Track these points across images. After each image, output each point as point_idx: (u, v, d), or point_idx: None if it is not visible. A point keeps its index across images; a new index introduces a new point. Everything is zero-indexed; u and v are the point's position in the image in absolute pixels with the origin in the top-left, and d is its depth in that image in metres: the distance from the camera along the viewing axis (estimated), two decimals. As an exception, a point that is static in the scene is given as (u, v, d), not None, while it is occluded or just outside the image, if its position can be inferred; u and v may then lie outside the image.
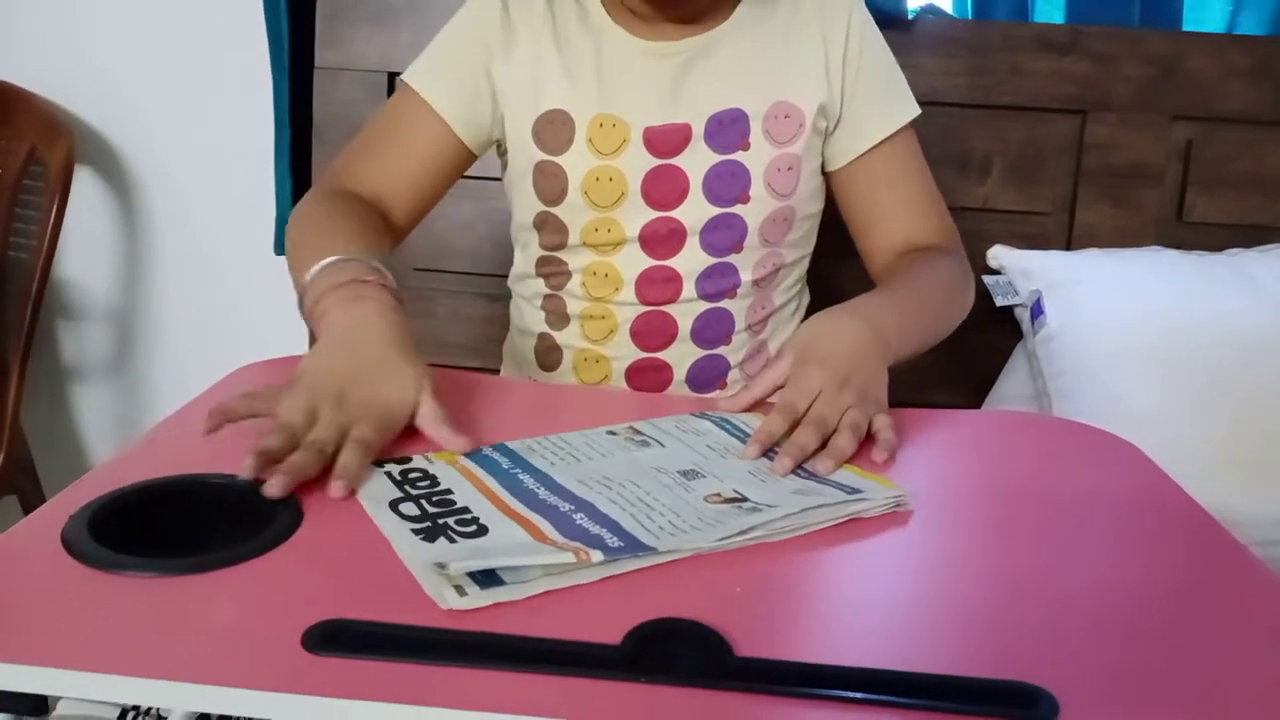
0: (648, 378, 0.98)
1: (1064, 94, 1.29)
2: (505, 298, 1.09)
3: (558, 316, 1.00)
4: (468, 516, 0.56)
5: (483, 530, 0.55)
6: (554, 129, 0.94)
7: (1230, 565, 0.57)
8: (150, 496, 0.58)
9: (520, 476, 0.62)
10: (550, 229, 0.97)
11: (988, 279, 1.29)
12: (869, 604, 0.51)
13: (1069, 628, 0.49)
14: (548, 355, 1.02)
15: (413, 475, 0.62)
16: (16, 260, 1.48)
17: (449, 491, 0.60)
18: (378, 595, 0.48)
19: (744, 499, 0.60)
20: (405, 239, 0.99)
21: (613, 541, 0.53)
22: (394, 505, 0.57)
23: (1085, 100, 1.29)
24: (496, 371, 1.13)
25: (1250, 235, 1.29)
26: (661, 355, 0.98)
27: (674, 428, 0.71)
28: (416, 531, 0.54)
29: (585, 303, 0.98)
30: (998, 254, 1.29)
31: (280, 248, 1.46)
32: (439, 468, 0.63)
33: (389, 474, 0.62)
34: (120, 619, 0.46)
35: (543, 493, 0.60)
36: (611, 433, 0.70)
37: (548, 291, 1.00)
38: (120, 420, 1.68)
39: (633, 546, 0.52)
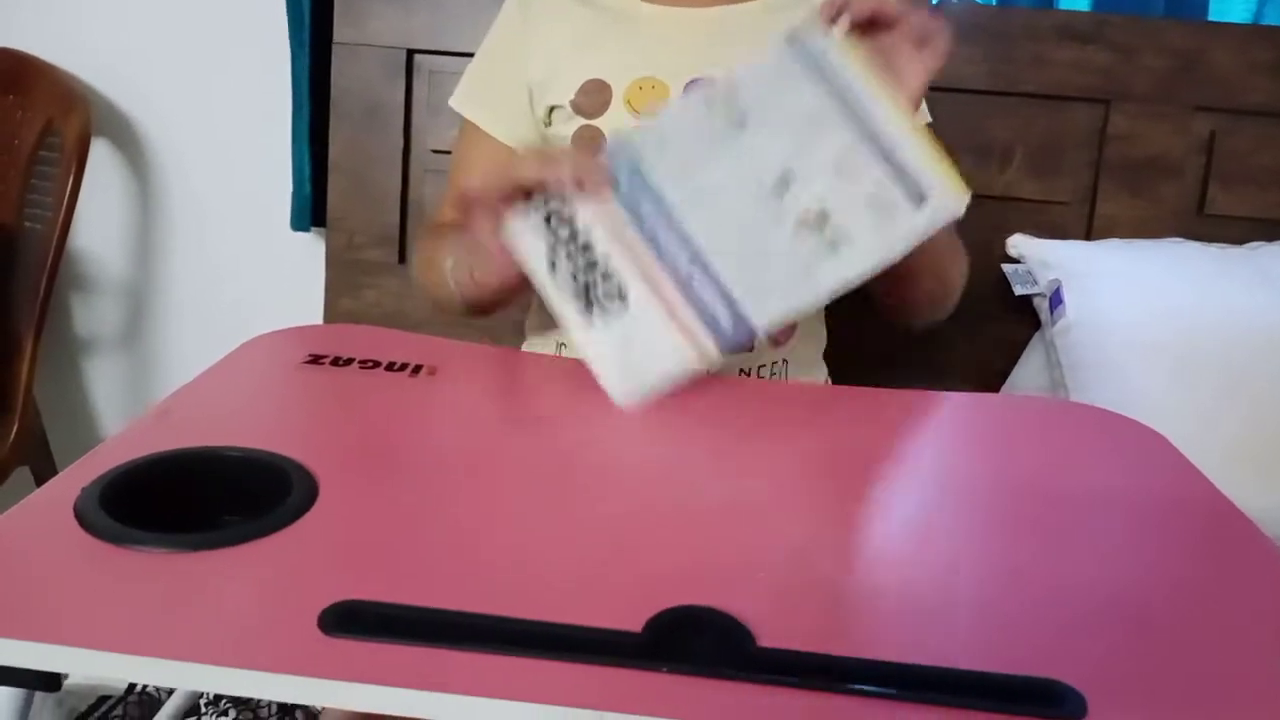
0: None
1: (1086, 83, 1.28)
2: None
3: None
4: (610, 275, 0.70)
5: (623, 297, 0.69)
6: (591, 97, 0.93)
7: (1258, 560, 0.56)
8: (164, 468, 0.57)
9: (642, 205, 0.71)
10: None
11: (1007, 268, 1.28)
12: (892, 595, 0.50)
13: (1096, 623, 0.48)
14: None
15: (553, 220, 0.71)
16: (32, 231, 1.47)
17: (588, 241, 0.70)
18: (396, 575, 0.48)
19: (827, 217, 0.68)
20: None
21: (725, 321, 0.68)
22: (552, 266, 0.70)
23: (1107, 90, 1.28)
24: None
25: (1271, 229, 1.27)
26: None
27: (766, 93, 0.72)
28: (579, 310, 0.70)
29: None
30: (1017, 243, 1.27)
31: (296, 222, 1.46)
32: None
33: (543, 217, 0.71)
34: (133, 596, 0.46)
35: (662, 235, 0.70)
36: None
37: None
38: (133, 393, 1.68)
39: (740, 331, 0.68)
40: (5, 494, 1.43)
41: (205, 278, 1.61)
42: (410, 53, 1.34)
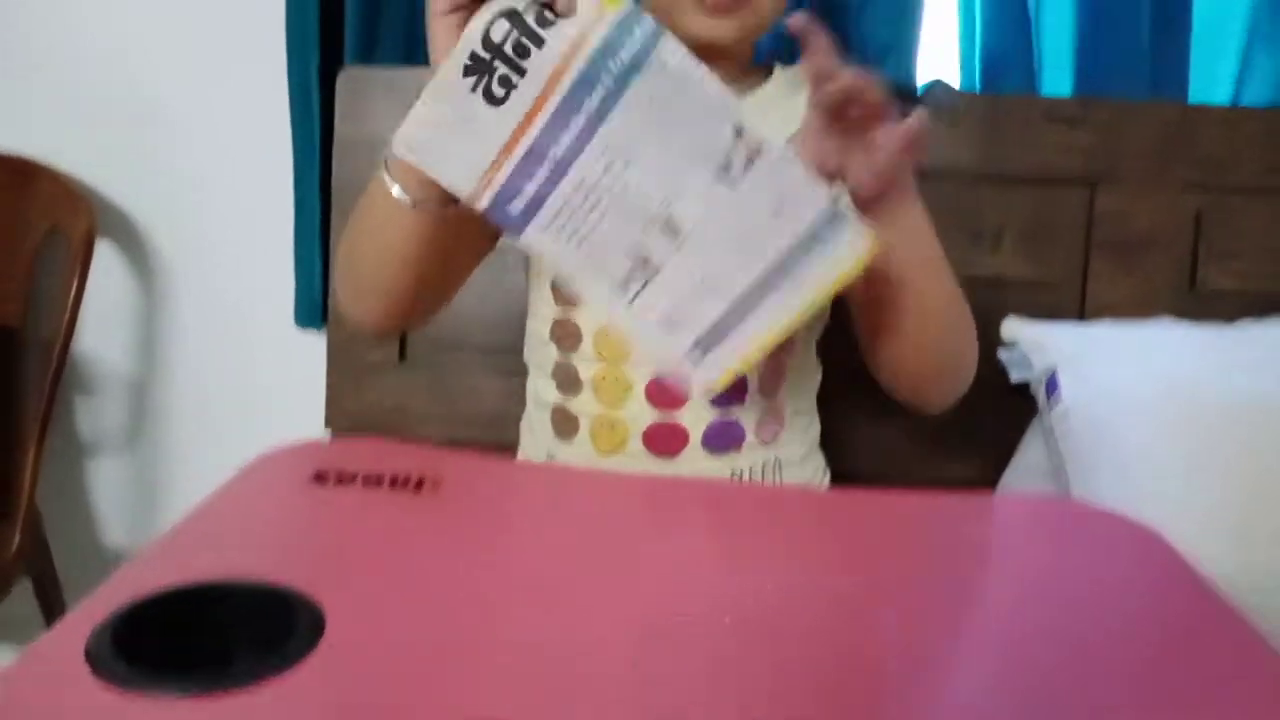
0: (663, 438, 0.97)
1: (1073, 165, 1.30)
2: (523, 374, 1.10)
3: (570, 382, 1.00)
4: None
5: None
6: None
7: (1259, 668, 0.56)
8: (174, 603, 0.58)
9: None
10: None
11: (1002, 353, 1.29)
12: (893, 708, 0.50)
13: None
14: (563, 424, 1.02)
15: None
16: (36, 334, 1.48)
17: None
18: (402, 713, 0.48)
19: None
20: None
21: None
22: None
23: (1095, 171, 1.30)
24: (515, 446, 1.13)
25: (1264, 303, 1.29)
26: (676, 416, 0.97)
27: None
28: None
29: (597, 364, 0.98)
30: (1011, 327, 1.28)
31: (305, 320, 1.47)
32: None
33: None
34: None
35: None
36: None
37: (559, 358, 1.01)
38: (136, 495, 1.68)
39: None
40: (8, 606, 1.42)
41: (208, 377, 1.62)
42: (410, 150, 1.36)
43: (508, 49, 0.63)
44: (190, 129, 1.55)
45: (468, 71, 0.64)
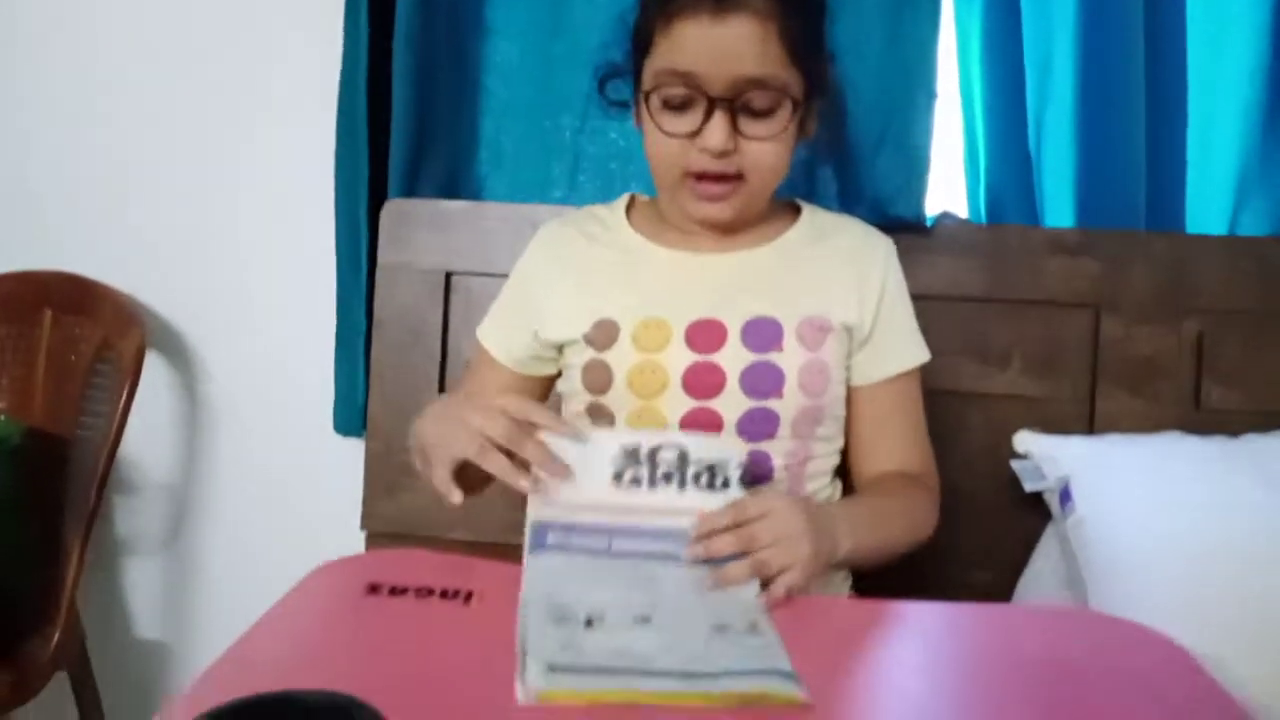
0: None
1: (1078, 291, 1.37)
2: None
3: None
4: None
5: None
6: (601, 332, 1.03)
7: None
8: (242, 715, 0.61)
9: None
10: (599, 418, 1.05)
11: (1015, 464, 1.33)
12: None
13: None
14: None
15: None
16: (84, 441, 1.54)
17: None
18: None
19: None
20: None
21: None
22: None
23: (1098, 297, 1.36)
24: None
25: (1267, 420, 1.32)
26: None
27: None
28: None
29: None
30: (1024, 440, 1.33)
31: (346, 428, 1.53)
32: None
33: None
34: None
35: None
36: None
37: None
38: (171, 595, 1.71)
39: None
40: (43, 701, 1.45)
41: (247, 484, 1.67)
42: (449, 275, 1.44)
43: None
44: (239, 252, 1.63)
45: None
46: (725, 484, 0.83)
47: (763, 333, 1.01)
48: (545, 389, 1.14)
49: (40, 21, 1.63)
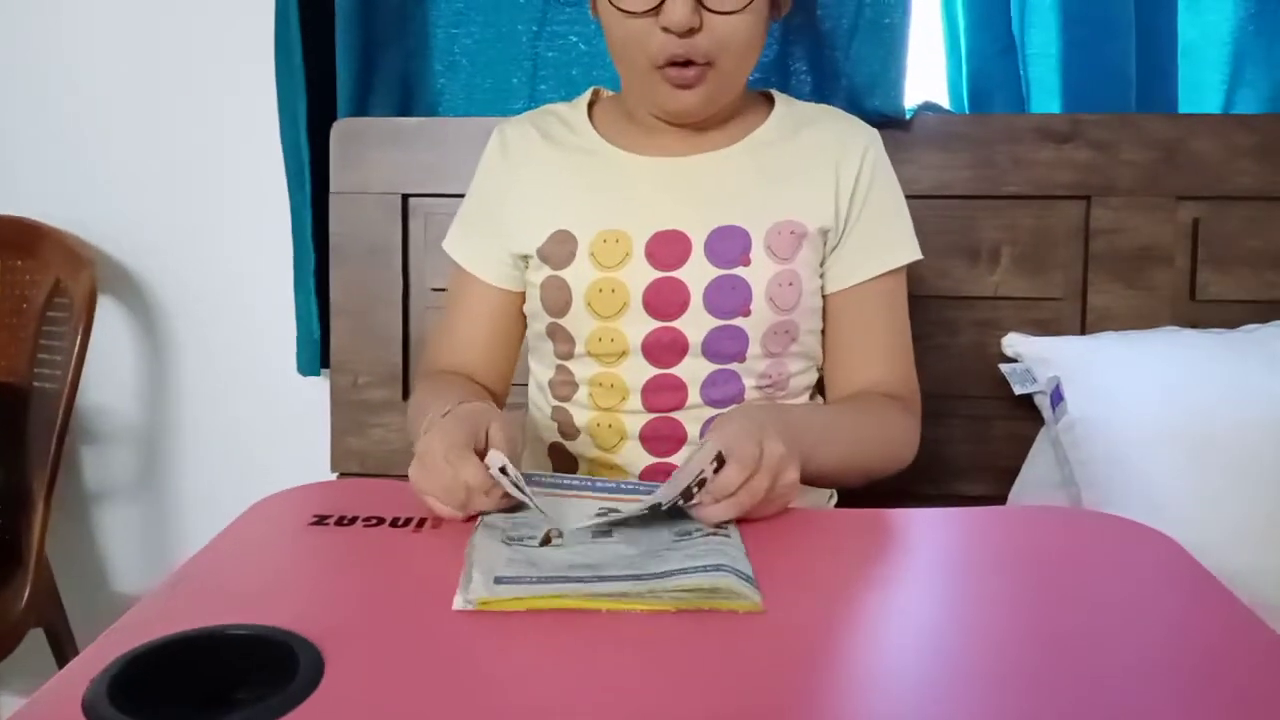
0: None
1: (1067, 181, 1.31)
2: (525, 407, 1.10)
3: (568, 428, 1.01)
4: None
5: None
6: (558, 247, 0.97)
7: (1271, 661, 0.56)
8: (172, 651, 0.57)
9: None
10: (560, 338, 0.99)
11: (1004, 367, 1.29)
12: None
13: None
14: (562, 465, 1.02)
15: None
16: (42, 390, 1.50)
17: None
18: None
19: None
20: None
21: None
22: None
23: (1089, 186, 1.30)
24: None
25: (1265, 310, 1.28)
26: (671, 460, 0.98)
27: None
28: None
29: (592, 412, 0.99)
30: (1013, 342, 1.28)
31: (306, 367, 1.48)
32: None
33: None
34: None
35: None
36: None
37: (556, 403, 1.02)
38: (145, 544, 1.68)
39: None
40: (19, 657, 1.42)
41: (213, 426, 1.63)
42: (405, 197, 1.38)
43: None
44: (189, 186, 1.57)
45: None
46: (701, 483, 0.75)
47: (728, 244, 0.94)
48: (522, 312, 1.07)
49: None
